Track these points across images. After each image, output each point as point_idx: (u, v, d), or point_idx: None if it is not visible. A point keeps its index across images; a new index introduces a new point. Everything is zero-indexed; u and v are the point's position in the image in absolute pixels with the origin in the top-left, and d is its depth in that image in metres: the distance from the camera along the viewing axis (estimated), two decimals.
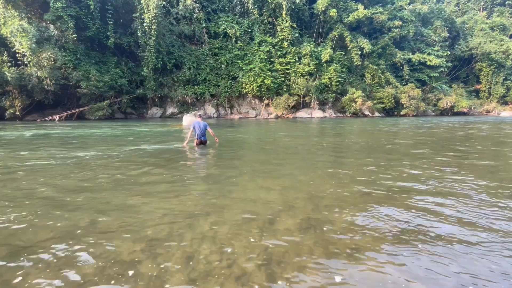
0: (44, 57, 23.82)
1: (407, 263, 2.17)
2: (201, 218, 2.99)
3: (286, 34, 34.61)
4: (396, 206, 3.35)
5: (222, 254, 2.27)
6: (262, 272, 2.03)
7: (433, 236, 2.61)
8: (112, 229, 2.73)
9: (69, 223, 2.86)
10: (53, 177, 4.68)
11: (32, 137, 11.35)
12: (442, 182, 4.36)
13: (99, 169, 5.29)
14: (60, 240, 2.51)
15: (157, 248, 2.36)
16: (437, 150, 7.69)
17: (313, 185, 4.21)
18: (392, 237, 2.59)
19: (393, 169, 5.27)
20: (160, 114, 32.46)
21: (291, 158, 6.60)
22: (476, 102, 42.47)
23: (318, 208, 3.26)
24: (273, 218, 2.99)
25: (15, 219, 2.97)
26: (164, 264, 2.13)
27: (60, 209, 3.23)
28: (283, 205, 3.36)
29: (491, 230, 2.72)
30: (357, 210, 3.20)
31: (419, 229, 2.75)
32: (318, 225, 2.81)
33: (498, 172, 5.14)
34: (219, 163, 6.23)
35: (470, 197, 3.69)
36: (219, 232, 2.65)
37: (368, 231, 2.69)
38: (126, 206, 3.33)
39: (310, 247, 2.39)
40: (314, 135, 12.60)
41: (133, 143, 9.19)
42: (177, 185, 4.23)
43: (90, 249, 2.34)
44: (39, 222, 2.89)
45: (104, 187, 4.13)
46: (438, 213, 3.14)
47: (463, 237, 2.58)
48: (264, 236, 2.58)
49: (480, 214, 3.11)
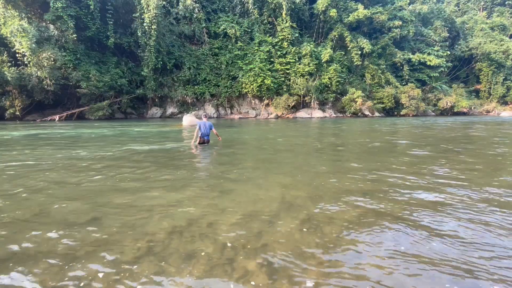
0: (44, 57, 23.82)
1: (408, 262, 2.17)
2: (201, 217, 2.99)
3: (286, 34, 34.59)
4: (396, 205, 3.35)
5: (222, 253, 2.28)
6: (262, 272, 2.03)
7: (435, 235, 2.61)
8: (112, 229, 2.73)
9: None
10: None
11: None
12: (442, 183, 4.36)
13: (101, 170, 5.29)
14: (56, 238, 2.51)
15: (157, 248, 2.37)
16: (437, 151, 7.69)
17: (313, 185, 4.21)
18: (392, 237, 2.59)
19: (393, 170, 5.28)
20: (160, 114, 32.46)
21: (291, 158, 6.60)
22: (476, 102, 42.44)
23: (318, 208, 3.26)
24: (273, 217, 2.99)
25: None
26: (164, 264, 2.13)
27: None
28: (283, 205, 3.37)
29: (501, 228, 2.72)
30: (357, 210, 3.20)
31: (419, 229, 2.75)
32: (318, 224, 2.81)
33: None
34: (219, 163, 6.23)
35: (470, 197, 3.69)
36: (219, 232, 2.65)
37: (368, 231, 2.69)
38: (126, 206, 3.33)
39: (310, 246, 2.39)
40: (314, 135, 12.60)
41: (132, 144, 9.19)
42: (176, 185, 4.23)
43: (89, 249, 2.35)
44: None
45: (107, 185, 4.13)
46: (438, 214, 3.14)
47: (465, 236, 2.59)
48: (264, 235, 2.58)
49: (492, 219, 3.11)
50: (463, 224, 2.85)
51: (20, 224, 2.83)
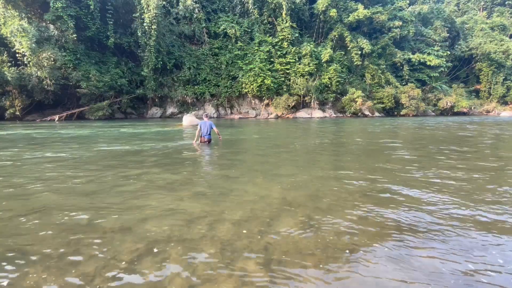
0: (44, 57, 23.81)
1: (407, 262, 2.16)
2: (201, 217, 2.99)
3: (286, 34, 34.58)
4: (396, 205, 3.35)
5: (222, 253, 2.27)
6: (262, 272, 2.03)
7: (433, 235, 2.61)
8: (112, 229, 2.72)
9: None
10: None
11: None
12: (442, 183, 4.36)
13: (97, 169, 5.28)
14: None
15: (157, 248, 2.36)
16: (438, 151, 7.69)
17: (313, 185, 4.21)
18: (392, 237, 2.59)
19: (394, 169, 5.27)
20: (160, 114, 32.46)
21: (291, 158, 6.60)
22: (476, 102, 42.42)
23: (318, 208, 3.26)
24: (273, 217, 2.99)
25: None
26: (164, 264, 2.13)
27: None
28: (283, 205, 3.36)
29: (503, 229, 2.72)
30: (357, 210, 3.20)
31: (419, 229, 2.75)
32: (318, 225, 2.81)
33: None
34: (219, 162, 6.23)
35: (470, 198, 3.69)
36: (219, 232, 2.65)
37: (368, 232, 2.69)
38: (126, 206, 3.33)
39: (310, 247, 2.39)
40: (314, 135, 12.59)
41: (132, 142, 9.19)
42: (176, 185, 4.23)
43: (89, 249, 2.35)
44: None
45: (106, 185, 4.13)
46: (439, 213, 3.14)
47: (464, 235, 2.58)
48: (264, 236, 2.58)
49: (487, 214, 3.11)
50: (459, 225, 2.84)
51: (19, 222, 2.83)
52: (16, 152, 7.42)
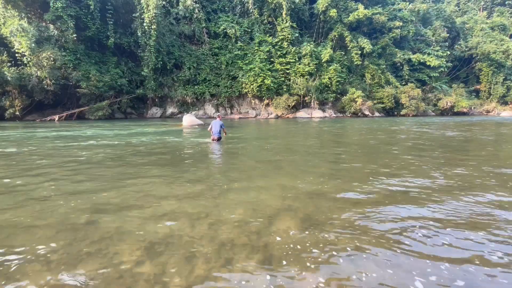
0: (44, 57, 23.81)
1: (407, 263, 2.16)
2: (200, 217, 2.98)
3: (286, 34, 34.58)
4: (396, 205, 3.35)
5: (222, 253, 2.27)
6: (262, 272, 2.02)
7: (433, 236, 2.60)
8: (112, 228, 2.72)
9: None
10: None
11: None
12: (442, 183, 4.36)
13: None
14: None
15: (157, 247, 2.36)
16: (437, 152, 7.68)
17: (313, 185, 4.20)
18: (392, 238, 2.58)
19: (393, 170, 5.27)
20: (160, 114, 32.46)
21: (291, 158, 6.59)
22: (476, 102, 42.41)
23: (318, 208, 3.25)
24: (273, 217, 2.99)
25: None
26: (164, 264, 2.12)
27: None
28: (283, 205, 3.36)
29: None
30: (357, 210, 3.20)
31: (419, 229, 2.74)
32: (318, 225, 2.80)
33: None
34: (219, 162, 6.23)
35: (470, 197, 3.68)
36: (219, 232, 2.65)
37: (368, 231, 2.68)
38: (126, 206, 3.32)
39: (309, 247, 2.39)
40: (314, 135, 12.58)
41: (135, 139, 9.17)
42: (176, 185, 4.22)
43: (89, 249, 2.34)
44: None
45: (105, 184, 4.12)
46: (438, 213, 3.13)
47: (463, 239, 2.58)
48: (264, 236, 2.57)
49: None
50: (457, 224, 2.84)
51: (20, 225, 2.83)
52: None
